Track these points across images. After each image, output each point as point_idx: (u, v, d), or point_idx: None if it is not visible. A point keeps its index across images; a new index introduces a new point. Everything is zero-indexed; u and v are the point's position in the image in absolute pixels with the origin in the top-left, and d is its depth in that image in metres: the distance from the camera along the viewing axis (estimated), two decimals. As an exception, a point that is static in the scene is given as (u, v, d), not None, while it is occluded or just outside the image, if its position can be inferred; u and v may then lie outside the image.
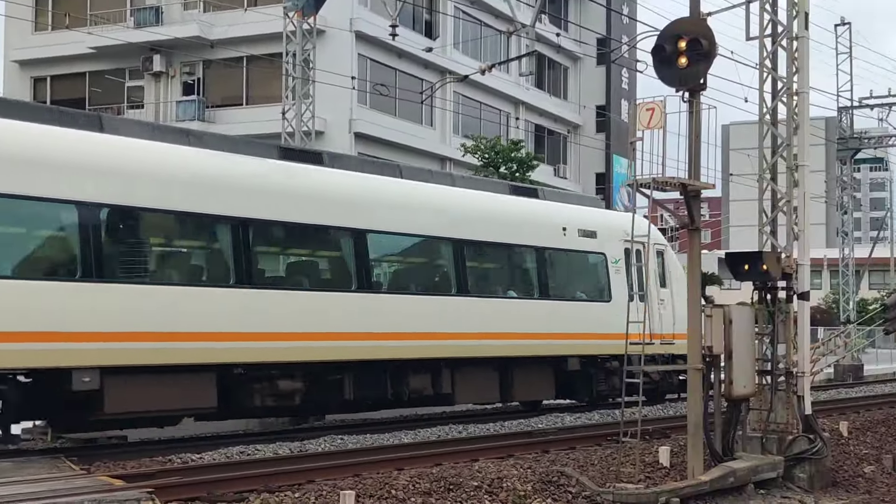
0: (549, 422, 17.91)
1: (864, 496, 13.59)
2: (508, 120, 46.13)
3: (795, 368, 14.20)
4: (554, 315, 19.00)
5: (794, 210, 14.63)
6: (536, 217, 19.40)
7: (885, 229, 68.11)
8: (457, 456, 13.40)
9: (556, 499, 11.00)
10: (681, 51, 12.59)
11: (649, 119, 12.72)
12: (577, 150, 51.18)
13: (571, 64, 52.24)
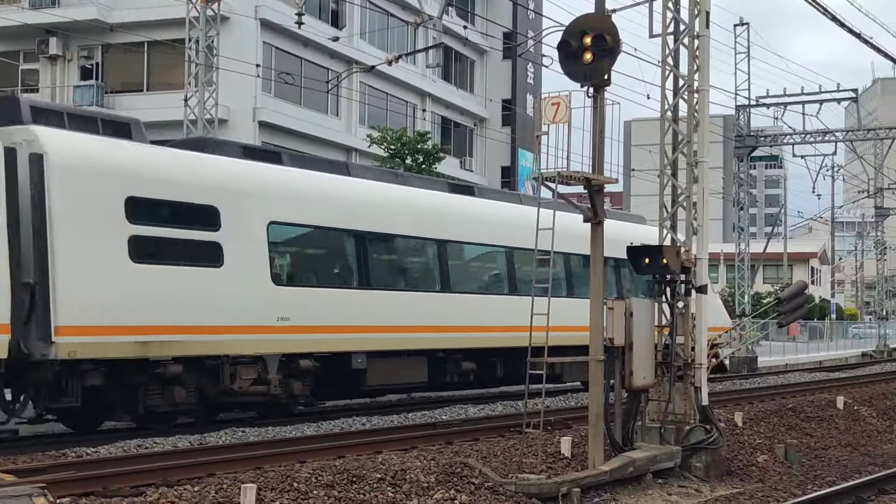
0: (452, 413, 17.97)
1: (758, 484, 13.95)
2: (415, 111, 46.11)
3: (693, 360, 14.52)
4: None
5: (694, 205, 14.93)
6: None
7: (779, 225, 70.29)
8: (360, 448, 13.35)
9: (459, 490, 11.02)
10: (586, 46, 12.72)
11: (554, 113, 12.82)
12: (483, 143, 51.47)
13: (478, 57, 52.49)
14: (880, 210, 63.15)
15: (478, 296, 20.52)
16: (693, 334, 14.64)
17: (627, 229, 23.27)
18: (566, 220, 13.11)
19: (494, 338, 20.00)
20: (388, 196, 18.81)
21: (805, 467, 15.66)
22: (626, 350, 13.51)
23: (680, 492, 13.22)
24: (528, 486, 11.42)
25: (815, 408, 20.30)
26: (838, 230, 71.76)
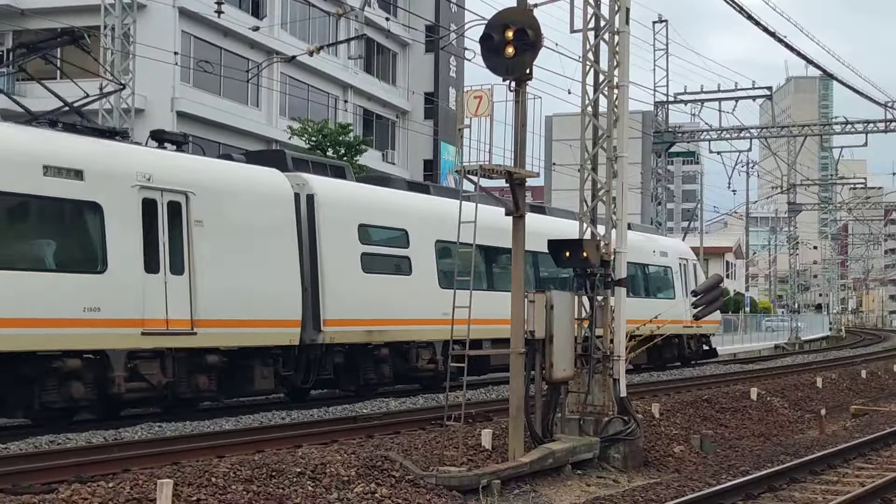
0: (374, 407, 17.92)
1: (674, 475, 14.17)
2: (337, 103, 45.85)
3: (612, 352, 14.69)
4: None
5: (613, 200, 15.10)
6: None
7: (696, 220, 71.61)
8: (279, 442, 13.23)
9: (379, 483, 10.98)
10: (508, 40, 12.75)
11: (476, 107, 12.84)
12: (405, 136, 51.40)
13: (400, 50, 52.39)
14: (793, 206, 64.87)
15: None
16: (612, 327, 14.81)
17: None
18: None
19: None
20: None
21: (720, 457, 15.96)
22: (546, 343, 13.61)
23: (598, 482, 13.38)
24: (448, 479, 11.43)
25: (730, 399, 20.71)
26: (753, 225, 73.33)
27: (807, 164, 65.60)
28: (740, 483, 12.53)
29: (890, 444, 17.40)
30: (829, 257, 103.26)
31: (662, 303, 28.12)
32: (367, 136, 46.58)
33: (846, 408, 24.15)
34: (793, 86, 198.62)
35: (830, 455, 15.23)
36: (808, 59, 37.76)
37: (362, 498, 10.47)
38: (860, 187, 75.53)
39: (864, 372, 30.56)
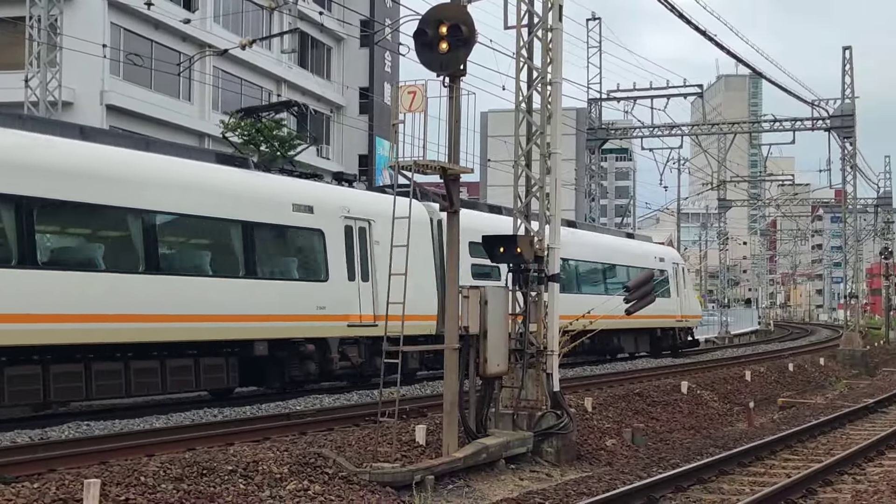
0: (307, 404, 17.81)
1: (606, 468, 14.32)
2: (270, 98, 45.43)
3: (545, 347, 14.78)
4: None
5: (547, 196, 15.19)
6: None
7: (628, 216, 72.46)
8: (211, 440, 13.09)
9: (312, 480, 10.92)
10: (442, 36, 12.75)
11: (411, 102, 12.81)
12: (340, 131, 51.13)
13: (335, 44, 52.09)
14: (723, 202, 65.93)
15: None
16: (545, 322, 14.90)
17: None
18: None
19: None
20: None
21: (651, 450, 16.16)
22: (480, 338, 13.64)
23: (531, 476, 13.46)
24: (382, 475, 11.41)
25: (661, 392, 21.00)
26: (684, 221, 74.33)
27: (737, 161, 66.71)
28: (670, 476, 12.70)
29: (815, 435, 17.79)
30: (758, 253, 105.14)
31: (662, 301, 31.66)
32: (302, 131, 46.21)
33: (774, 400, 24.64)
34: (723, 84, 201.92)
35: (758, 447, 15.51)
36: (738, 57, 38.40)
37: (295, 495, 10.41)
38: (788, 184, 76.99)
39: (792, 365, 31.21)
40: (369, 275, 20.71)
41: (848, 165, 43.96)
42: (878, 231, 68.64)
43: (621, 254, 33.00)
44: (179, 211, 17.05)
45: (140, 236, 16.32)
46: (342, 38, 51.14)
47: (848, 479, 13.36)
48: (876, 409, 22.29)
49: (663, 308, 32.71)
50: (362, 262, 20.63)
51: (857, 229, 53.25)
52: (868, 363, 38.85)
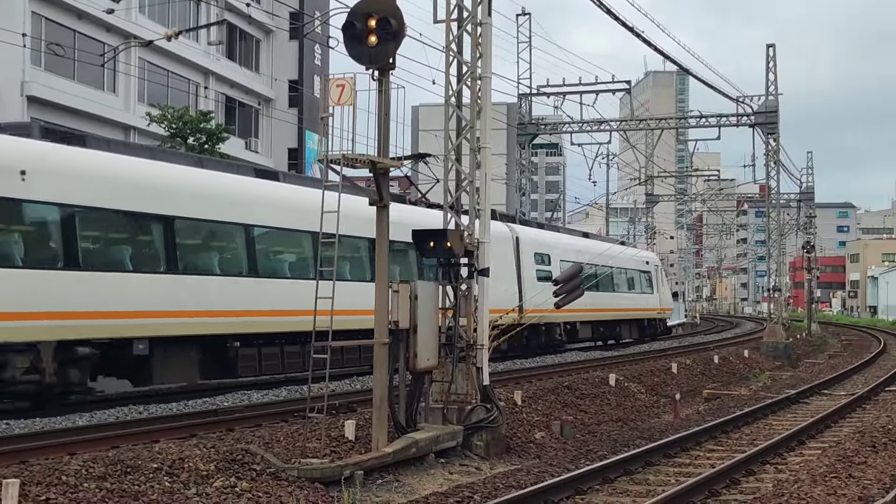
0: (235, 399, 17.62)
1: (535, 460, 14.42)
2: (198, 90, 44.81)
3: (475, 341, 14.82)
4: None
5: (477, 190, 15.23)
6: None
7: (558, 211, 73.03)
8: (135, 438, 12.88)
9: (239, 477, 10.80)
10: (371, 29, 12.69)
11: (339, 95, 12.72)
12: (269, 124, 50.64)
13: (264, 36, 51.56)
14: (650, 196, 66.73)
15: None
16: (475, 316, 14.94)
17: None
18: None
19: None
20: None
21: (579, 442, 16.32)
22: (410, 333, 13.62)
23: (461, 470, 13.49)
24: (310, 471, 11.34)
25: (590, 385, 21.20)
26: (613, 216, 75.23)
27: (664, 157, 67.55)
28: (598, 467, 12.84)
29: (739, 426, 18.13)
30: (685, 247, 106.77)
31: (647, 297, 42.87)
32: (230, 123, 45.68)
33: (699, 392, 25.05)
34: (651, 80, 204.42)
35: (684, 438, 15.76)
36: (665, 54, 38.87)
37: (222, 492, 10.29)
38: (714, 179, 78.22)
39: (717, 357, 31.75)
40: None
41: (772, 161, 44.83)
42: (801, 225, 70.11)
43: (626, 260, 40.90)
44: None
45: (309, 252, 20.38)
46: (271, 30, 50.64)
47: (770, 469, 13.63)
48: (798, 399, 22.79)
49: (649, 303, 42.99)
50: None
51: (781, 224, 54.37)
52: (791, 355, 39.69)
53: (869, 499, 10.70)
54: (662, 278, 46.01)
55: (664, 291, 45.71)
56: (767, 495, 11.17)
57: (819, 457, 13.77)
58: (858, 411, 20.67)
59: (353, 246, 21.41)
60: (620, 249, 39.97)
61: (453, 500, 11.05)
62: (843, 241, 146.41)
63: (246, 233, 19.45)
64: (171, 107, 36.43)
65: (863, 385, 26.44)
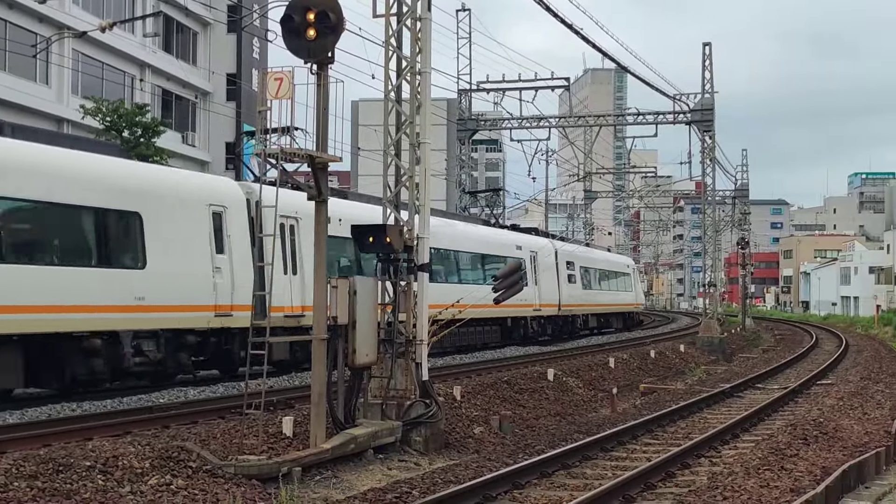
0: (171, 396, 17.40)
1: (474, 455, 14.45)
2: (133, 83, 44.11)
3: (414, 337, 14.81)
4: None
5: (417, 186, 15.20)
6: None
7: (498, 207, 73.23)
8: (68, 435, 12.66)
9: (175, 474, 10.66)
10: (309, 22, 12.59)
11: (277, 89, 12.62)
12: (206, 118, 50.03)
13: (201, 29, 50.91)
14: (589, 193, 67.26)
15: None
16: (415, 311, 14.92)
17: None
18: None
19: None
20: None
21: (517, 437, 16.40)
22: (349, 328, 13.57)
23: (400, 466, 13.47)
24: (247, 468, 11.23)
25: (528, 380, 21.32)
26: (552, 212, 75.70)
27: (602, 153, 68.09)
28: (536, 462, 12.91)
29: (675, 420, 18.37)
30: (623, 243, 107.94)
31: (627, 294, 52.49)
32: (167, 117, 45.06)
33: (636, 386, 25.34)
34: (590, 77, 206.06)
35: (620, 432, 15.92)
36: (603, 52, 39.23)
37: (157, 490, 10.15)
38: (651, 176, 79.11)
39: (653, 352, 32.15)
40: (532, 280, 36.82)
41: (707, 158, 45.47)
42: (736, 222, 71.23)
43: (614, 264, 51.75)
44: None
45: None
46: (209, 22, 50.00)
47: (705, 462, 13.83)
48: (732, 393, 23.17)
49: (629, 298, 53.05)
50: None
51: (716, 220, 55.17)
52: (725, 350, 40.34)
53: (800, 490, 10.91)
54: (637, 278, 57.12)
55: (638, 290, 57.84)
56: (702, 488, 11.33)
57: (752, 450, 14.00)
58: (791, 405, 21.08)
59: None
60: (608, 255, 53.83)
61: (391, 496, 11.03)
62: (776, 238, 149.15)
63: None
64: (105, 99, 35.83)
65: (795, 379, 26.96)
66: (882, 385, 24.03)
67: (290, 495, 10.59)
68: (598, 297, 45.61)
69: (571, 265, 41.62)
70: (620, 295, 50.93)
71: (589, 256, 46.16)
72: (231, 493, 10.45)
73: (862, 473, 12.31)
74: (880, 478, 12.59)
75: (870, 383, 24.54)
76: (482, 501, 11.00)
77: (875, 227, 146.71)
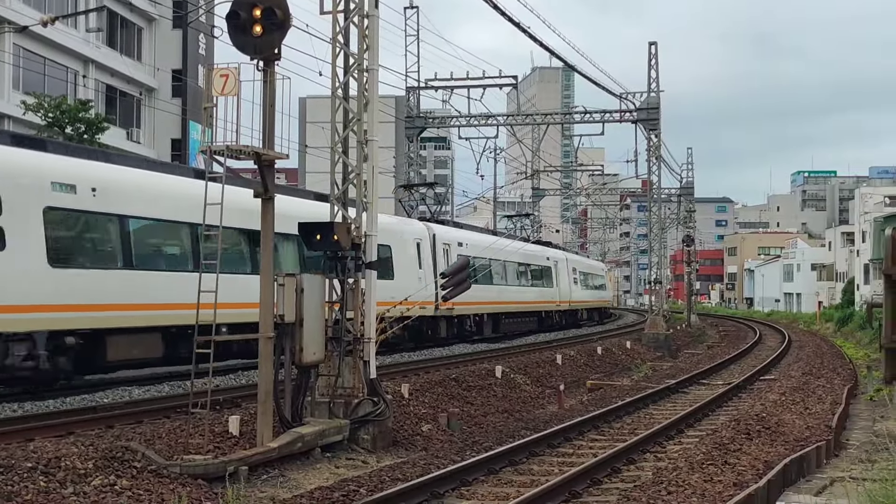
0: (115, 396, 17.18)
1: (422, 453, 14.46)
2: (76, 78, 43.45)
3: (362, 335, 14.78)
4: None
5: (364, 183, 15.17)
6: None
7: (447, 204, 73.31)
8: (9, 437, 12.41)
9: (119, 475, 10.53)
10: (256, 19, 12.53)
11: (223, 85, 12.52)
12: (151, 114, 49.45)
13: (146, 24, 50.30)
14: (537, 191, 67.69)
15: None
16: (362, 309, 14.89)
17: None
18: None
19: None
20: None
21: (465, 434, 16.44)
22: (296, 326, 13.51)
23: (347, 464, 13.45)
24: (193, 468, 11.14)
25: (476, 377, 21.38)
26: (500, 209, 75.85)
27: (550, 151, 68.56)
28: (483, 459, 12.96)
29: (621, 416, 18.55)
30: (570, 240, 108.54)
31: (603, 292, 64.10)
32: (111, 113, 44.46)
33: (583, 383, 25.53)
34: (537, 76, 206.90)
35: (567, 428, 16.04)
36: (551, 50, 39.41)
37: (100, 491, 10.02)
38: (598, 174, 79.81)
39: (600, 349, 32.42)
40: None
41: (653, 157, 45.93)
42: (681, 220, 72.07)
43: (593, 267, 63.56)
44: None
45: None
46: (154, 18, 49.44)
47: (650, 458, 13.99)
48: (677, 389, 23.45)
49: (604, 295, 65.40)
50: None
51: (662, 218, 55.75)
52: (671, 346, 40.81)
53: (743, 485, 11.08)
54: (607, 278, 69.53)
55: (609, 288, 71.40)
56: (647, 483, 11.46)
57: (697, 445, 14.19)
58: (735, 400, 21.39)
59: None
60: (588, 261, 67.06)
61: (339, 495, 11.00)
62: (721, 235, 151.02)
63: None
64: (47, 95, 35.26)
65: (739, 374, 27.36)
66: (823, 380, 24.48)
67: (236, 495, 10.52)
68: (590, 295, 58.25)
69: (575, 271, 53.18)
70: (600, 293, 63.27)
71: (585, 263, 61.35)
72: (177, 493, 10.36)
73: (803, 467, 12.53)
74: (821, 471, 12.82)
75: (811, 378, 24.98)
76: (429, 499, 11.02)
77: (817, 224, 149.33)
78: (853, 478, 11.75)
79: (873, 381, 25.17)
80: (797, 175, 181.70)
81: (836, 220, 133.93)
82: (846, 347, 40.50)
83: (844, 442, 15.46)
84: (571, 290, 51.03)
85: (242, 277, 19.57)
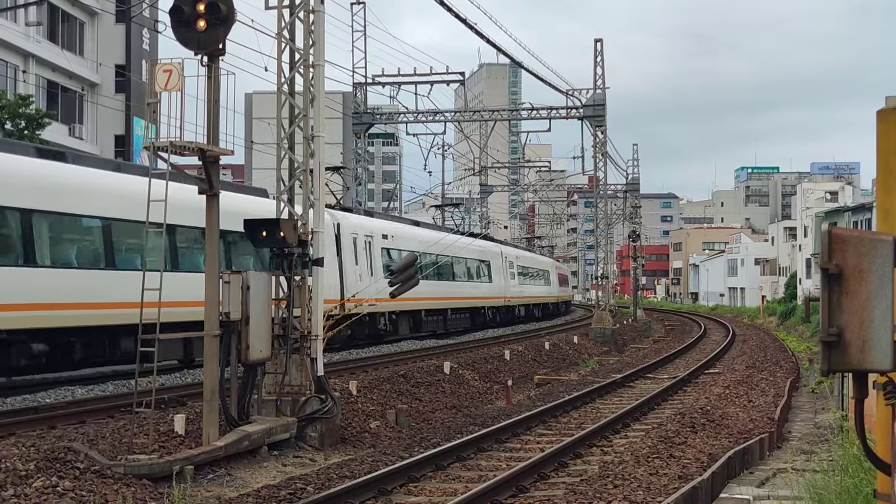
0: (58, 396, 16.91)
1: (370, 450, 14.44)
2: (16, 73, 42.64)
3: (309, 332, 14.71)
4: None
5: (311, 179, 15.09)
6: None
7: (395, 200, 73.26)
8: (-52, 439, 12.16)
9: (62, 476, 10.36)
10: (199, 13, 12.40)
11: (167, 81, 12.37)
12: (94, 110, 48.69)
13: (88, 19, 49.49)
14: (485, 187, 67.76)
15: None
16: (309, 306, 14.82)
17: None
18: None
19: None
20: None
21: (414, 431, 16.44)
22: (242, 324, 13.40)
23: (295, 462, 13.38)
24: (138, 468, 11.01)
25: (425, 373, 21.38)
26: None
27: (497, 148, 68.78)
28: (431, 454, 12.97)
29: (568, 410, 18.67)
30: (518, 236, 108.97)
31: (550, 287, 63.72)
32: (52, 109, 43.70)
33: (531, 378, 25.66)
34: (485, 72, 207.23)
35: (515, 424, 16.11)
36: (498, 47, 39.55)
37: (42, 493, 9.86)
38: (545, 170, 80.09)
39: (548, 344, 32.59)
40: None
41: (599, 153, 46.26)
42: (627, 215, 72.69)
43: (558, 268, 70.20)
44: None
45: None
46: (96, 12, 48.68)
47: (597, 451, 14.10)
48: (623, 383, 23.66)
49: (567, 291, 74.09)
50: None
51: (608, 213, 56.18)
52: (617, 340, 41.16)
53: (688, 477, 11.21)
54: (569, 278, 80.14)
55: (571, 284, 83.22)
56: (594, 477, 11.55)
57: (642, 438, 14.33)
58: (680, 394, 21.64)
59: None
60: (553, 262, 71.23)
61: (286, 493, 10.94)
62: (666, 231, 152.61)
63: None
64: (-14, 90, 34.58)
65: (684, 368, 27.69)
66: (766, 373, 24.87)
67: (182, 494, 10.42)
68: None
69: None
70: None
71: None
72: (121, 494, 10.23)
73: (747, 459, 12.72)
74: (764, 463, 13.03)
75: (755, 371, 25.36)
76: (377, 496, 11.00)
77: (761, 219, 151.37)
78: (795, 469, 11.96)
79: (815, 373, 25.61)
80: (741, 171, 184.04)
81: (779, 216, 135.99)
82: (789, 341, 41.19)
83: (787, 434, 15.73)
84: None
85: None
